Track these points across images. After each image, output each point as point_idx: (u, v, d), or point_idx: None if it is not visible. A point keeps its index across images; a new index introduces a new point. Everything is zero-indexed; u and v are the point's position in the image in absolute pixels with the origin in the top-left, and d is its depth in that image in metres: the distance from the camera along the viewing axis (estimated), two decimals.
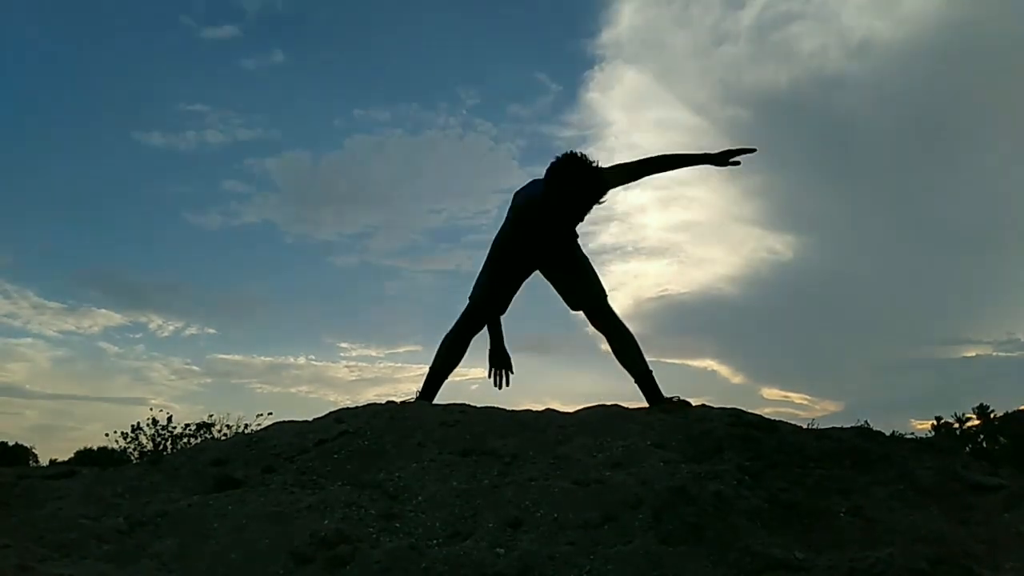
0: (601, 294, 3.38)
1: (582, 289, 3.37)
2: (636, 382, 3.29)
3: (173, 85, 23.68)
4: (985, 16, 19.14)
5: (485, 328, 3.41)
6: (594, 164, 3.07)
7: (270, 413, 8.57)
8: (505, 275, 3.37)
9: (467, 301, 3.43)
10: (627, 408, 3.08)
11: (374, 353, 24.59)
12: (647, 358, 3.32)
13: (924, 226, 22.80)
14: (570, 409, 3.21)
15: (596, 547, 1.86)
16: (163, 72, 23.79)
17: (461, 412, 3.00)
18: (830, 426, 3.16)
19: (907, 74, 20.79)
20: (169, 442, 9.60)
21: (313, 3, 23.39)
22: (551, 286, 3.45)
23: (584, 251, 3.41)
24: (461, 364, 3.50)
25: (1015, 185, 20.95)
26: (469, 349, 3.46)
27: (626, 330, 3.36)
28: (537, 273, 3.47)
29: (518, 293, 3.44)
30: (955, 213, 22.15)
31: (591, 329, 3.44)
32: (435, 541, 1.94)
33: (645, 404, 3.21)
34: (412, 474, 2.37)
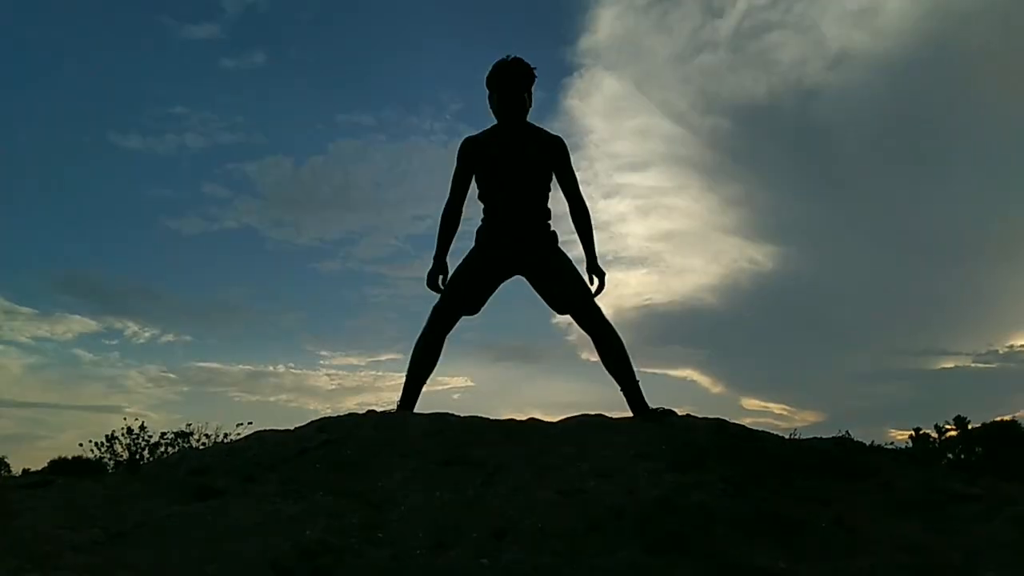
0: (582, 295, 3.38)
1: (561, 292, 3.38)
2: (621, 390, 3.29)
3: (151, 85, 23.28)
4: (963, 30, 19.50)
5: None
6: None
7: (250, 422, 8.45)
8: (465, 280, 3.42)
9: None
10: (611, 418, 3.09)
11: (355, 361, 24.38)
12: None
13: (904, 237, 23.08)
14: (554, 419, 3.21)
15: (580, 557, 1.86)
16: (140, 71, 23.41)
17: (444, 422, 2.99)
18: (811, 436, 3.20)
19: (885, 85, 21.07)
20: (146, 451, 9.46)
21: (296, 4, 23.22)
22: (536, 294, 3.46)
23: (568, 257, 3.43)
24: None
25: (994, 196, 21.29)
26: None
27: (611, 336, 3.33)
28: (522, 281, 3.48)
29: (495, 295, 3.47)
30: (934, 224, 22.46)
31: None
32: (418, 551, 1.92)
33: (629, 414, 3.21)
34: (395, 484, 2.35)
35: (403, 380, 3.38)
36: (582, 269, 3.43)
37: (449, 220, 3.53)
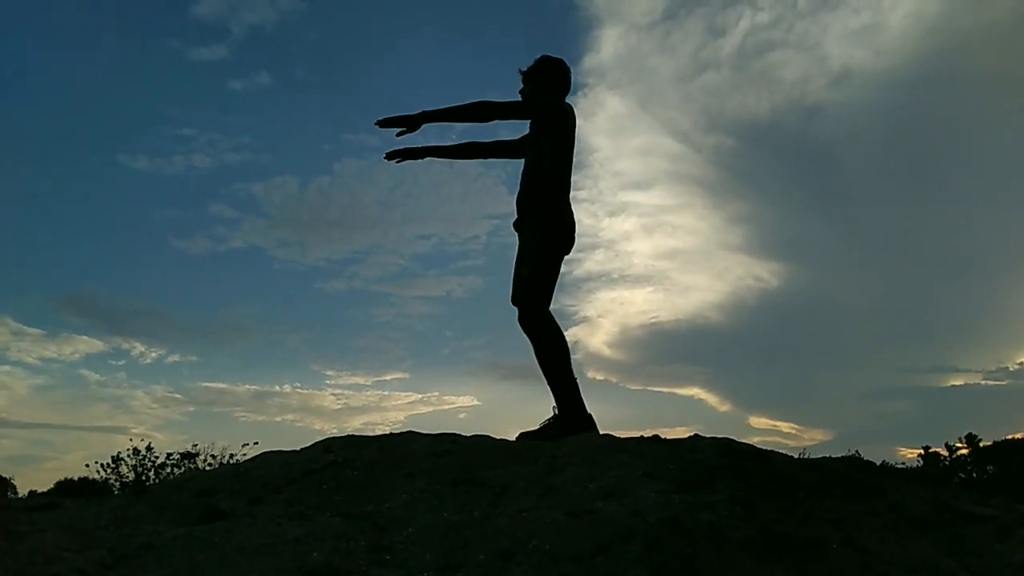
0: (515, 282, 3.48)
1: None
2: None
3: (159, 107, 23.45)
4: (965, 48, 19.59)
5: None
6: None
7: (255, 443, 8.45)
8: None
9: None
10: (618, 437, 3.07)
11: (361, 380, 24.30)
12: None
13: (911, 253, 22.98)
14: None
15: None
16: (149, 93, 23.60)
17: (451, 442, 2.99)
18: (820, 455, 3.17)
19: (888, 103, 21.12)
20: (152, 472, 9.43)
21: (302, 26, 23.45)
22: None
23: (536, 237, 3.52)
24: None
25: (1001, 212, 21.22)
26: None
27: (533, 342, 3.44)
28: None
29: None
30: (942, 240, 22.38)
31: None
32: (426, 574, 1.91)
33: (637, 434, 3.21)
34: (402, 505, 2.34)
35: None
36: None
37: (490, 143, 3.93)
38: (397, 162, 3.79)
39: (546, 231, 3.49)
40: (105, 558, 2.02)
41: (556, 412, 3.40)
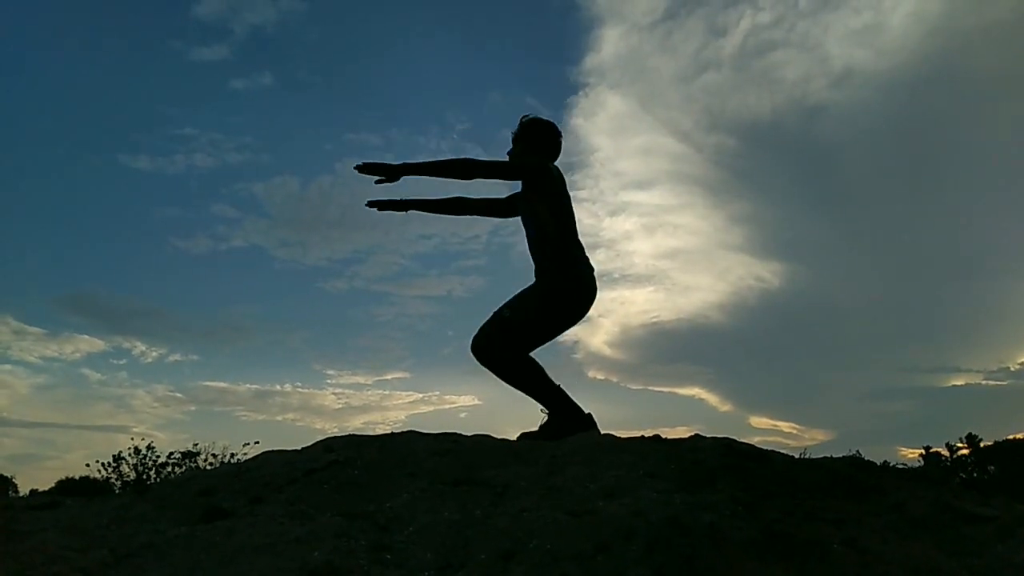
0: (484, 324, 3.45)
1: None
2: None
3: (161, 107, 23.44)
4: (967, 48, 19.57)
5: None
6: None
7: (256, 442, 8.46)
8: None
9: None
10: (619, 437, 3.07)
11: (362, 380, 24.28)
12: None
13: (911, 253, 22.96)
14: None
15: None
16: (150, 93, 23.59)
17: (452, 442, 2.99)
18: (821, 455, 3.17)
19: (889, 103, 21.11)
20: (153, 471, 9.44)
21: (303, 25, 23.44)
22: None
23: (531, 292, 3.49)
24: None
25: (1003, 212, 21.21)
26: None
27: (504, 378, 3.42)
28: None
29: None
30: (942, 240, 22.36)
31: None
32: (426, 573, 1.91)
33: (637, 433, 3.21)
34: (403, 504, 2.34)
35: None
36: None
37: (478, 200, 3.88)
38: (379, 210, 3.68)
39: (555, 292, 3.42)
40: (106, 557, 2.03)
41: (547, 414, 3.37)
